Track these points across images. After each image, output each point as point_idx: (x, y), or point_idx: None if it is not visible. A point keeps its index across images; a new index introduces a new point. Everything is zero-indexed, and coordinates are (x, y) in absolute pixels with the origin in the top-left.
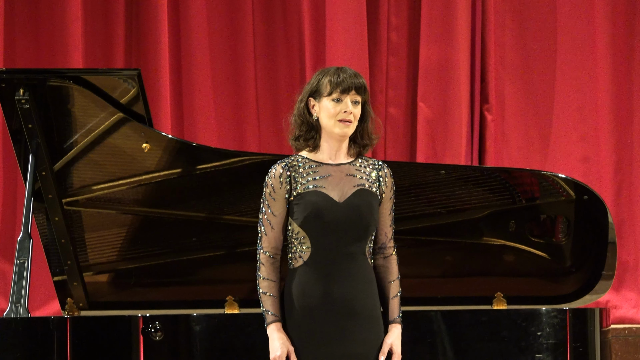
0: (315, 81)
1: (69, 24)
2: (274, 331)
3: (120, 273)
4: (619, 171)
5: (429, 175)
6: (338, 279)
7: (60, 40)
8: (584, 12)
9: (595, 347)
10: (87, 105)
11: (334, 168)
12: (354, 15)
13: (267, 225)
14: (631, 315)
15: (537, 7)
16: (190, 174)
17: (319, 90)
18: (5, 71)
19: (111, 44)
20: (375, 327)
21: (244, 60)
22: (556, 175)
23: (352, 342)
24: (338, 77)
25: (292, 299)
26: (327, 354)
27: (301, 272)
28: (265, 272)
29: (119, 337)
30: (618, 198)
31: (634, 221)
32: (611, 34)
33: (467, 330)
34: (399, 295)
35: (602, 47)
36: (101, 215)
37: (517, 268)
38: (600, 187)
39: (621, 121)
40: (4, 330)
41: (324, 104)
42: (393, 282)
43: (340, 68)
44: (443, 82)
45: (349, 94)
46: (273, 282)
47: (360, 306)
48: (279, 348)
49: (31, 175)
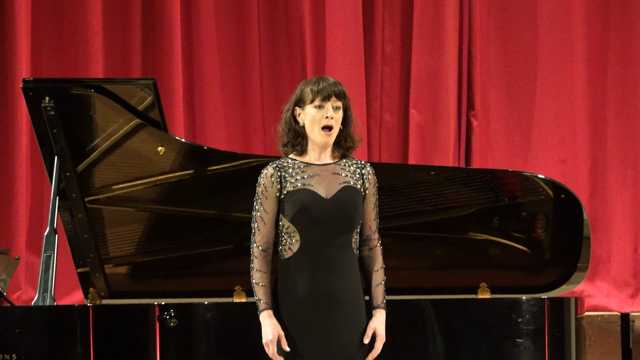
0: (299, 91)
1: (90, 37)
2: (265, 318)
3: (138, 265)
4: (593, 173)
5: (420, 175)
6: (325, 269)
7: (83, 52)
8: (562, 27)
9: (570, 332)
10: (107, 112)
11: (320, 168)
12: (352, 29)
13: (260, 221)
14: (603, 303)
15: (519, 22)
16: (202, 175)
17: (303, 99)
18: (33, 81)
19: (129, 56)
20: (360, 313)
21: (250, 70)
22: (536, 176)
23: (338, 327)
24: (319, 86)
25: (283, 288)
26: (315, 339)
27: (291, 262)
28: (258, 264)
29: (137, 323)
30: (592, 197)
31: (607, 218)
32: (587, 47)
33: (454, 318)
34: (383, 283)
35: (578, 59)
36: (120, 212)
37: (500, 261)
38: (576, 187)
39: (596, 127)
40: (32, 317)
41: (308, 110)
42: (377, 271)
43: (321, 77)
44: (433, 91)
45: (330, 101)
46: (265, 273)
47: (345, 294)
48: (270, 333)
49: (56, 176)
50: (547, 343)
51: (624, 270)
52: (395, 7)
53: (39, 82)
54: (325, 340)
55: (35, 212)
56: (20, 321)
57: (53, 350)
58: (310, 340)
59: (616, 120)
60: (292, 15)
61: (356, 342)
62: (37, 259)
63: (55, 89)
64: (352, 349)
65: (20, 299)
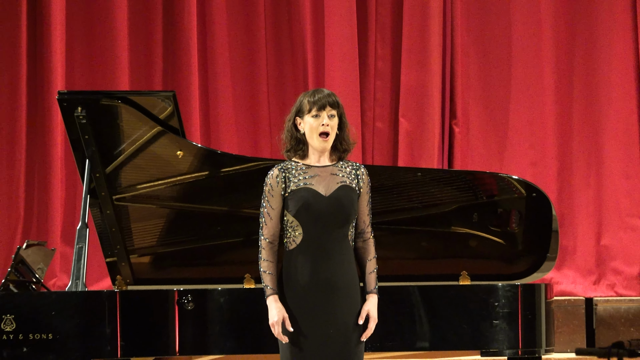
0: (298, 103)
1: (118, 54)
2: (272, 302)
3: (159, 255)
4: (560, 174)
5: (408, 176)
6: (324, 258)
7: (111, 67)
8: (533, 46)
9: (541, 315)
10: (132, 120)
11: (320, 169)
12: (348, 47)
13: (267, 216)
14: (570, 289)
15: (496, 42)
16: (215, 176)
17: (302, 110)
18: (67, 93)
19: (151, 71)
20: (355, 297)
21: (258, 83)
22: (511, 176)
23: (336, 310)
24: (314, 97)
25: (288, 276)
26: (315, 320)
27: (295, 253)
28: (265, 254)
29: (159, 307)
30: (560, 195)
31: (573, 214)
32: (555, 64)
33: (438, 302)
34: (375, 271)
35: (547, 74)
36: (144, 209)
37: (478, 251)
38: (545, 186)
39: (563, 133)
40: (66, 302)
41: (306, 120)
42: (370, 260)
43: (317, 90)
44: (419, 102)
45: (325, 110)
46: (271, 262)
47: (342, 281)
48: (275, 315)
49: (87, 176)
50: (520, 324)
51: (587, 260)
52: (386, 29)
53: (73, 94)
54: (324, 322)
55: (69, 208)
56: (56, 305)
57: (84, 331)
58: (311, 321)
59: (581, 128)
60: (295, 35)
61: (352, 323)
62: (70, 250)
63: (87, 100)
64: (349, 329)
65: (56, 285)
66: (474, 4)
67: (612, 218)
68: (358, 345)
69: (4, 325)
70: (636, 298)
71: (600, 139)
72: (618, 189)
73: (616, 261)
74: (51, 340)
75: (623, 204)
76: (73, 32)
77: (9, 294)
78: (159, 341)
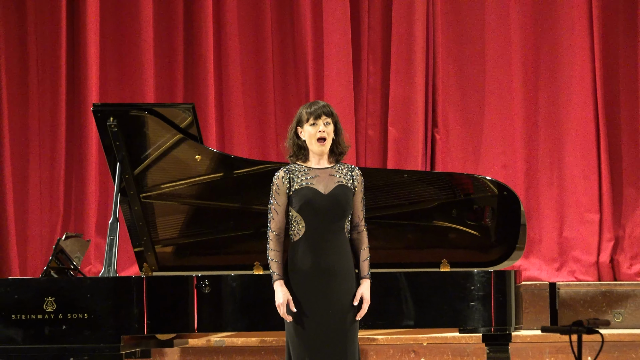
0: (298, 114)
1: (144, 71)
2: (278, 286)
3: (181, 246)
4: (527, 175)
5: (395, 177)
6: (324, 248)
7: (139, 82)
8: (503, 64)
9: (511, 297)
10: (157, 129)
11: (320, 170)
12: (344, 66)
13: (274, 212)
14: (535, 275)
15: (471, 61)
16: (229, 177)
17: (301, 120)
18: (100, 105)
19: (174, 85)
20: (350, 282)
21: (266, 97)
22: (485, 177)
23: (334, 293)
24: (311, 109)
25: (293, 263)
26: (316, 302)
27: (298, 244)
28: (272, 245)
29: (179, 290)
30: (527, 193)
31: (538, 210)
32: (523, 80)
33: (422, 286)
34: (368, 259)
35: (516, 89)
36: (167, 205)
37: (457, 242)
38: (515, 186)
39: (529, 140)
40: (100, 286)
41: (306, 128)
42: (364, 249)
43: (313, 102)
44: (405, 113)
45: (321, 119)
46: (278, 252)
47: (339, 267)
48: (281, 297)
49: (118, 177)
50: (493, 305)
51: (551, 249)
52: (377, 50)
53: (105, 106)
54: (324, 303)
55: (102, 205)
56: (91, 289)
57: (115, 311)
58: (312, 302)
59: (545, 135)
60: (298, 56)
61: (348, 304)
62: (103, 241)
63: (118, 111)
64: (345, 310)
65: (91, 271)
66: (452, 29)
67: (572, 213)
68: (353, 324)
69: (46, 307)
70: (593, 283)
71: (561, 145)
72: (577, 188)
73: (576, 251)
74: (86, 319)
75: (582, 201)
76: (106, 51)
77: (50, 279)
78: (179, 320)
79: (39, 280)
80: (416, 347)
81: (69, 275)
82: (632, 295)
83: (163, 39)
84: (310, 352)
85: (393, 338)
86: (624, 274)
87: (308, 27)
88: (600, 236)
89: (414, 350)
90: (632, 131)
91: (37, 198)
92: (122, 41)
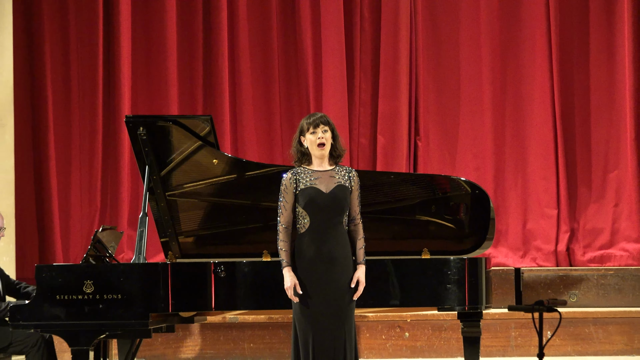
0: (300, 126)
1: (169, 87)
2: (286, 271)
3: (200, 237)
4: (495, 176)
5: (384, 178)
6: (326, 239)
7: (165, 97)
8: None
9: (482, 280)
10: (180, 137)
11: (321, 172)
12: (339, 84)
13: (283, 208)
14: (503, 261)
15: (448, 78)
16: (241, 178)
17: (303, 130)
18: (132, 117)
19: (194, 99)
20: (348, 268)
21: (273, 110)
22: (459, 178)
23: (334, 276)
24: (310, 119)
25: (299, 252)
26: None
27: (304, 235)
28: (282, 236)
29: (199, 274)
30: (495, 192)
31: (505, 206)
32: (492, 96)
33: (407, 271)
34: (364, 248)
35: (486, 104)
36: (188, 202)
37: (436, 233)
38: (485, 186)
39: (497, 147)
40: (131, 271)
41: (307, 137)
42: (360, 239)
43: (312, 114)
44: (392, 124)
45: (319, 127)
46: (286, 242)
47: (338, 255)
48: (289, 281)
49: (147, 178)
50: (466, 287)
51: (516, 240)
52: (368, 70)
53: (136, 117)
54: (325, 285)
55: (134, 202)
56: (124, 273)
57: (144, 292)
58: (315, 285)
59: (510, 143)
60: (301, 76)
61: (346, 286)
62: (134, 233)
63: (147, 122)
64: (343, 291)
65: (124, 258)
66: (432, 53)
67: (534, 209)
68: (350, 303)
69: (85, 288)
70: (552, 268)
71: (524, 151)
72: (538, 187)
73: (537, 241)
74: (120, 299)
75: (542, 198)
76: (137, 70)
77: (89, 265)
78: (199, 300)
79: (80, 266)
80: (401, 323)
81: (105, 261)
82: (585, 278)
83: (185, 60)
84: (313, 327)
85: (381, 315)
86: (578, 261)
87: (309, 51)
88: (558, 228)
89: (399, 325)
90: (584, 140)
91: (78, 196)
92: (150, 62)
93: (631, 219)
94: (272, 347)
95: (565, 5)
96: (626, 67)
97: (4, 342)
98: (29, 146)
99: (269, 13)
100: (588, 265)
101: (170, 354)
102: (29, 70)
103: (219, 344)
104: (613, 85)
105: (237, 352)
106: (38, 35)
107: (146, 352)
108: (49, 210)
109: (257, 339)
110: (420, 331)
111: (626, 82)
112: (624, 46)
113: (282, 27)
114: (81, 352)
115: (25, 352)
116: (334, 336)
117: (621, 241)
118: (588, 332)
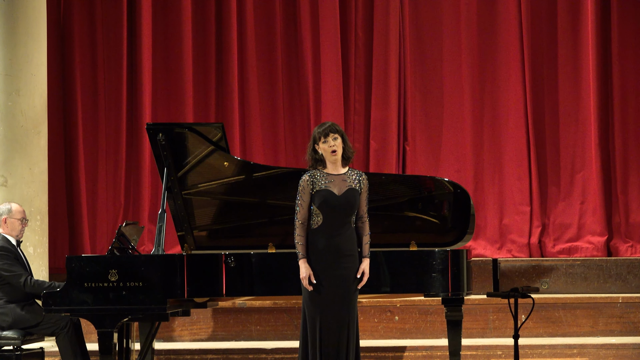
0: (313, 135)
1: (185, 99)
2: (302, 263)
3: (213, 231)
4: (475, 177)
5: (376, 179)
6: (336, 235)
7: (181, 106)
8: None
9: (463, 269)
10: (195, 142)
11: (335, 176)
12: (336, 95)
13: (300, 207)
14: (482, 253)
15: (433, 89)
16: (249, 178)
17: (316, 139)
18: (152, 124)
19: (207, 108)
20: (355, 260)
21: (277, 117)
22: (443, 179)
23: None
24: (321, 129)
25: (313, 245)
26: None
27: (317, 231)
28: (298, 231)
29: (212, 264)
30: (475, 191)
31: (484, 203)
32: (471, 106)
33: (396, 261)
34: (369, 243)
35: (467, 111)
36: (202, 200)
37: (422, 228)
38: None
39: (477, 152)
40: (152, 261)
41: (321, 145)
42: (366, 235)
43: (323, 123)
44: (383, 131)
45: (330, 135)
46: (303, 236)
47: (346, 249)
48: (304, 272)
49: (166, 179)
50: (450, 276)
51: (493, 234)
52: (361, 82)
53: (156, 125)
54: (334, 275)
55: (153, 199)
56: (145, 263)
57: (163, 280)
58: (326, 274)
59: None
60: (302, 87)
61: (352, 276)
62: (154, 227)
63: (165, 129)
64: (350, 281)
65: (145, 250)
66: (418, 67)
67: (509, 206)
68: (355, 292)
69: (110, 277)
70: (526, 259)
71: (501, 154)
72: (513, 186)
73: (512, 235)
74: (141, 287)
75: (516, 196)
76: (156, 81)
77: (114, 256)
78: (212, 287)
79: (106, 257)
80: (391, 308)
81: (128, 253)
82: (554, 268)
83: (200, 73)
84: (320, 311)
85: (374, 301)
86: (548, 252)
87: (309, 65)
88: (531, 223)
89: (389, 310)
90: (554, 144)
91: (104, 194)
92: (168, 74)
93: (595, 215)
94: (277, 329)
95: (536, 24)
96: (590, 80)
97: (33, 321)
98: (61, 150)
99: (274, 31)
100: (557, 257)
101: (185, 335)
102: (61, 84)
103: (229, 326)
104: (579, 96)
105: (245, 333)
106: (69, 53)
107: (164, 334)
108: (79, 207)
109: (263, 322)
110: (409, 315)
111: (590, 93)
112: (588, 61)
113: (285, 43)
114: (107, 334)
115: (56, 333)
116: (339, 319)
117: (587, 235)
118: (558, 316)
